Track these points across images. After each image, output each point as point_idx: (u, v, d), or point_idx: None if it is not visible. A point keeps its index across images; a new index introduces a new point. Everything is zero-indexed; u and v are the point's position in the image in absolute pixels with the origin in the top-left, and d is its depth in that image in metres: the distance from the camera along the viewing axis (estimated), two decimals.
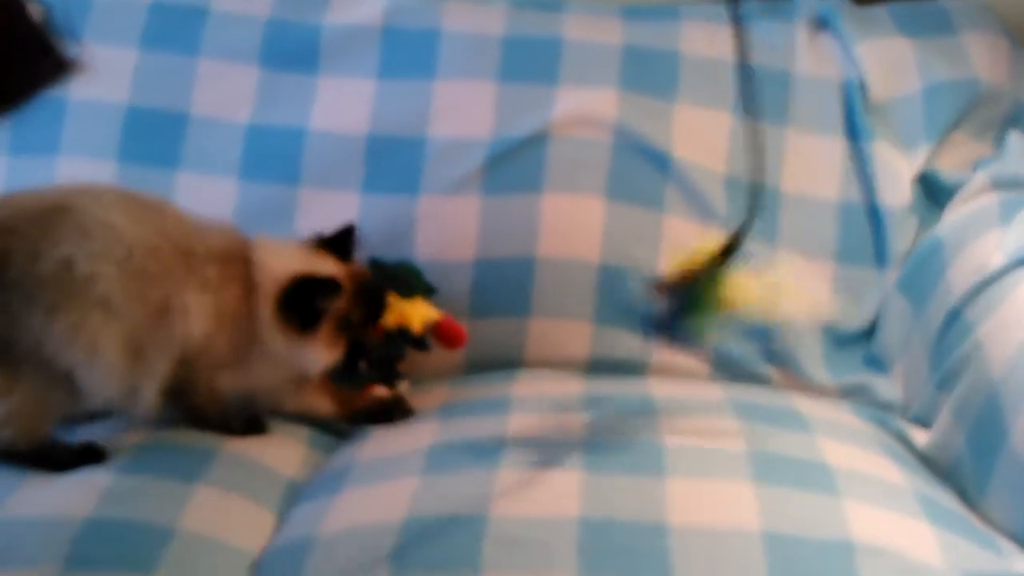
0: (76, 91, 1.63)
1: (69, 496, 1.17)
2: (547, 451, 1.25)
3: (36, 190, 1.30)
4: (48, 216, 1.21)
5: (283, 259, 1.34)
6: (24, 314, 1.18)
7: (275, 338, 1.32)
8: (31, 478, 1.21)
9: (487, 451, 1.25)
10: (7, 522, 1.12)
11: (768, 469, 1.22)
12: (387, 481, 1.23)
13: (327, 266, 1.36)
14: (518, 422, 1.33)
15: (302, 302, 1.31)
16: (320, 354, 1.35)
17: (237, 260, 1.32)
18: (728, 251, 1.24)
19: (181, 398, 1.32)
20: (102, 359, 1.21)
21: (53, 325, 1.19)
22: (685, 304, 1.24)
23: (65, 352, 1.20)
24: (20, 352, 1.19)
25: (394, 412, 1.43)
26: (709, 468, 1.22)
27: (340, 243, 1.40)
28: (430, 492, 1.18)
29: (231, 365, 1.32)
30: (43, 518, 1.13)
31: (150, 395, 1.28)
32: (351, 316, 1.37)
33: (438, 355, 1.55)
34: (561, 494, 1.16)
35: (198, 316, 1.27)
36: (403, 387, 1.53)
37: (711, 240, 1.26)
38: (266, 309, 1.31)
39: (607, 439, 1.28)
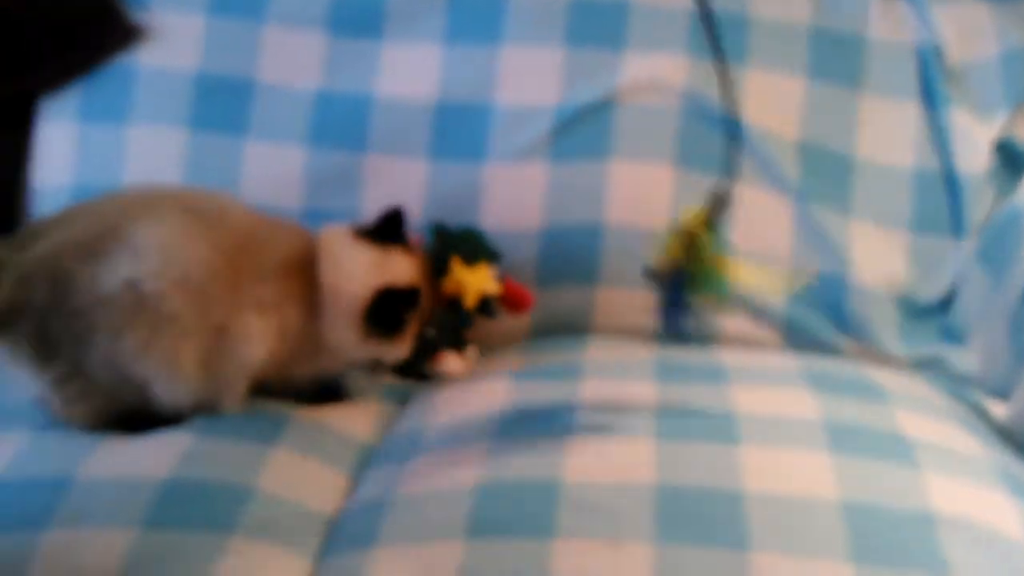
0: (145, 58, 1.63)
1: (147, 457, 1.18)
2: (620, 418, 1.25)
3: (90, 205, 1.30)
4: (101, 241, 1.22)
5: (353, 270, 1.31)
6: (89, 336, 1.20)
7: (357, 347, 1.32)
8: (108, 439, 1.22)
9: (559, 417, 1.25)
10: (85, 483, 1.14)
11: (844, 440, 1.20)
12: (459, 446, 1.23)
13: (398, 264, 1.33)
14: (590, 388, 1.33)
15: (387, 313, 1.31)
16: (402, 350, 1.35)
17: (297, 272, 1.30)
18: (713, 214, 1.17)
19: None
20: (179, 372, 1.24)
21: (122, 343, 1.21)
22: (685, 286, 1.18)
23: (138, 366, 1.22)
24: (91, 367, 1.21)
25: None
26: (784, 437, 1.20)
27: (392, 228, 1.37)
28: (503, 457, 1.18)
29: (298, 364, 1.33)
30: (121, 478, 1.15)
31: (232, 405, 1.30)
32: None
33: (505, 322, 1.54)
34: (635, 461, 1.15)
35: (260, 339, 1.27)
36: (471, 353, 1.54)
37: (693, 209, 1.18)
38: (342, 324, 1.30)
39: (680, 406, 1.27)
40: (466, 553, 1.05)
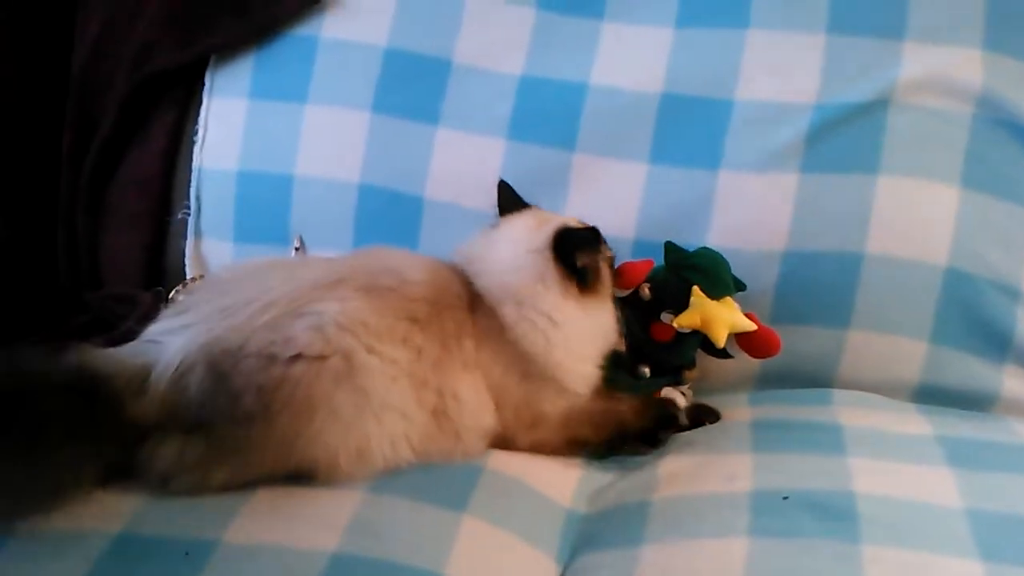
0: (329, 29, 1.34)
1: (308, 523, 0.88)
2: (921, 521, 0.88)
3: (244, 281, 1.00)
4: (271, 324, 0.93)
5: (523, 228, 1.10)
6: (256, 417, 0.91)
7: (565, 303, 1.05)
8: (255, 496, 0.91)
9: (836, 512, 0.89)
10: (231, 551, 0.84)
11: None
12: (705, 537, 0.88)
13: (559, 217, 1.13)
14: (865, 470, 0.96)
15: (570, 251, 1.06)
16: (605, 308, 1.08)
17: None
18: None
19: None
20: (370, 464, 0.95)
21: (305, 429, 0.91)
22: None
23: (315, 451, 0.92)
24: (251, 446, 0.91)
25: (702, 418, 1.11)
26: None
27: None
28: (771, 564, 0.83)
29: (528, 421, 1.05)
30: (277, 549, 0.84)
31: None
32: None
33: (730, 361, 1.19)
34: None
35: (477, 399, 1.02)
36: (681, 399, 1.19)
37: None
38: (533, 278, 1.05)
39: (996, 508, 0.90)
40: None
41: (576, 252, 1.05)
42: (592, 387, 1.08)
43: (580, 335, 1.06)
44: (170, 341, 0.94)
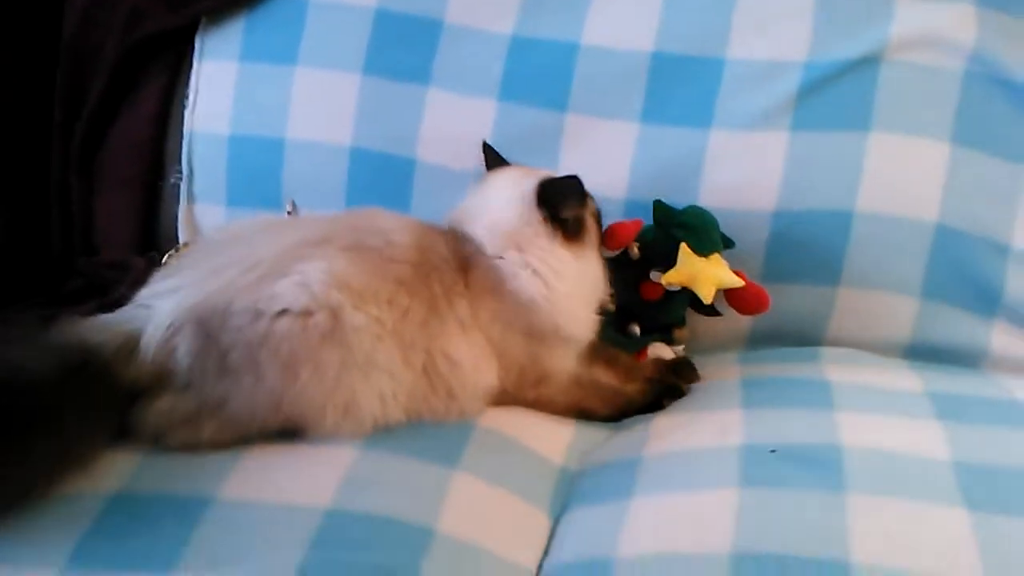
0: None
1: (304, 478, 0.89)
2: (908, 472, 0.89)
3: (229, 244, 1.00)
4: (257, 283, 0.94)
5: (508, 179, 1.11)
6: (244, 373, 0.91)
7: (555, 249, 1.06)
8: (250, 451, 0.92)
9: (824, 464, 0.90)
10: (228, 507, 0.85)
11: None
12: (695, 490, 0.89)
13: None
14: (852, 424, 0.97)
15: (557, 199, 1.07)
16: (593, 257, 1.09)
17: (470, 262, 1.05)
18: None
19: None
20: (358, 421, 0.95)
21: (289, 379, 0.92)
22: None
23: (302, 405, 0.93)
24: (240, 402, 0.91)
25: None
26: None
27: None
28: (760, 514, 0.84)
29: (533, 378, 1.06)
30: (273, 505, 0.85)
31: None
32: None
33: (720, 321, 1.20)
34: (952, 542, 0.80)
35: (473, 360, 1.02)
36: (668, 352, 1.20)
37: None
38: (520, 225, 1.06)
39: (983, 460, 0.91)
40: None
41: (562, 203, 1.05)
42: (592, 333, 1.08)
43: (576, 280, 1.06)
44: (159, 305, 0.94)
